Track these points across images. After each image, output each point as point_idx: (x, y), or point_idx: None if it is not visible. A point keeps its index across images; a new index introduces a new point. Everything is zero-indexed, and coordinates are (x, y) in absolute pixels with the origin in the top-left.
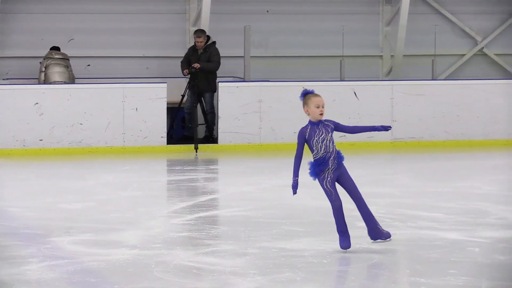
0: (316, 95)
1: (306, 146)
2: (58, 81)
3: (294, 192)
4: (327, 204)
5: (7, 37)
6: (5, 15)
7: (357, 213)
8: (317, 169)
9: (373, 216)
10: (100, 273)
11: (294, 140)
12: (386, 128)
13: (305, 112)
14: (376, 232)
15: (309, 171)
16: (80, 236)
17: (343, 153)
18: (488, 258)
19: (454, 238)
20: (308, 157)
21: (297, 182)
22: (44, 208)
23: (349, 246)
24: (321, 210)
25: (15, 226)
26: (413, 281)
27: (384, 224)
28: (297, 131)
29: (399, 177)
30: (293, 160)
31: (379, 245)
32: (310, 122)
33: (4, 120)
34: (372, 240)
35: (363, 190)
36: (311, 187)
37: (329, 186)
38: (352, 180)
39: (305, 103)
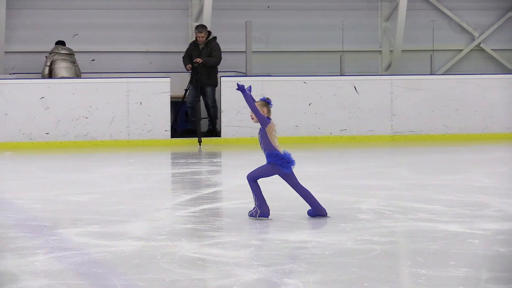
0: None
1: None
2: (65, 77)
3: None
4: (329, 197)
5: (13, 32)
6: (11, 11)
7: (359, 206)
8: None
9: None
10: (106, 264)
11: (295, 133)
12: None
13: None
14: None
15: None
16: (86, 228)
17: (344, 146)
18: (488, 250)
19: (454, 230)
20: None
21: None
22: (50, 200)
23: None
24: (323, 202)
25: (22, 218)
26: (414, 272)
27: (385, 216)
28: (299, 125)
29: (398, 170)
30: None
31: (380, 237)
32: None
33: (11, 114)
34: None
35: (363, 182)
36: (313, 179)
37: None
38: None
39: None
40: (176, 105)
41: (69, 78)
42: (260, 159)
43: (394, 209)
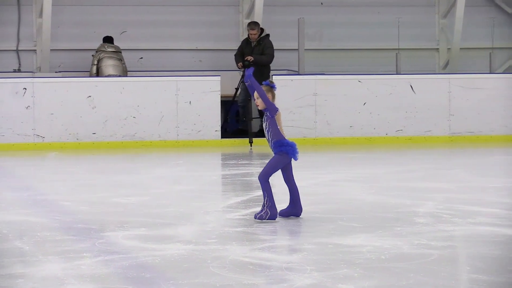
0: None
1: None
2: (113, 75)
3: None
4: (384, 199)
5: (59, 30)
6: (57, 8)
7: (415, 209)
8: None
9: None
10: (155, 268)
11: (350, 134)
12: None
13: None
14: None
15: None
16: (134, 231)
17: (400, 147)
18: None
19: None
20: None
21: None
22: (97, 202)
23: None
24: (378, 206)
25: (68, 220)
26: (474, 278)
27: (443, 220)
28: (353, 125)
29: (457, 172)
30: (344, 155)
31: (438, 241)
32: None
33: (57, 113)
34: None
35: (420, 185)
36: (368, 181)
37: None
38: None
39: None
40: (227, 105)
41: (116, 76)
42: (313, 161)
43: (452, 213)
